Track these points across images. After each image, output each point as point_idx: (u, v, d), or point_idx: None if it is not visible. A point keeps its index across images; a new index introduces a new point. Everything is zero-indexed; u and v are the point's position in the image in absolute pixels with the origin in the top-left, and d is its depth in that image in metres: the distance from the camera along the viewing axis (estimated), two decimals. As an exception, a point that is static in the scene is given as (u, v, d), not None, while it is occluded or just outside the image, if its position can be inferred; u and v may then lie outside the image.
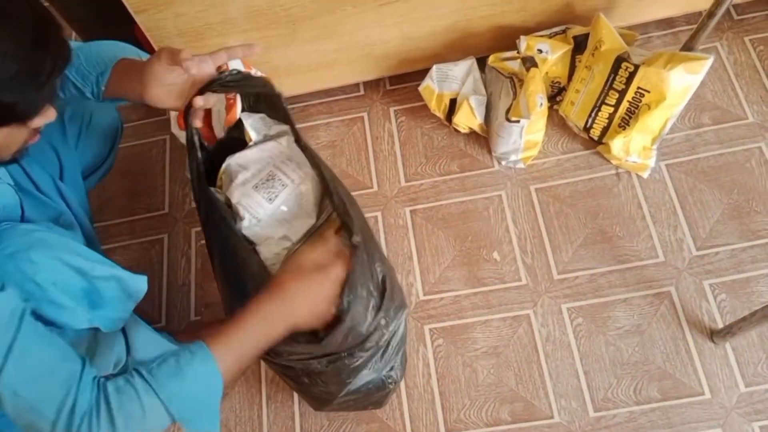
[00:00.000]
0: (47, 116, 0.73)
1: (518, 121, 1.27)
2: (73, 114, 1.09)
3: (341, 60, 1.40)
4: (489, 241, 1.34)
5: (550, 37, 1.35)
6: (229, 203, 0.94)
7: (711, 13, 1.23)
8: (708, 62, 1.17)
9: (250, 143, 1.00)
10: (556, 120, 1.43)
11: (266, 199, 0.94)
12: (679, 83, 1.20)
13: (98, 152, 1.16)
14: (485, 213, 1.37)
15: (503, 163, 1.40)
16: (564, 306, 1.26)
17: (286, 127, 1.01)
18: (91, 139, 1.13)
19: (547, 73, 1.36)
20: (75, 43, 0.86)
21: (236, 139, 1.02)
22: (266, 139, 1.00)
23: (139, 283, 0.88)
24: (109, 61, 0.90)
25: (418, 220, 1.39)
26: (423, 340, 1.27)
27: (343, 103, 1.55)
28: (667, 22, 1.48)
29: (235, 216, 0.93)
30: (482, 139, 1.44)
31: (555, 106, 1.42)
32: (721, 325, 1.19)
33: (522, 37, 1.34)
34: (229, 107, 1.29)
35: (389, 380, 1.04)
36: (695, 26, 1.29)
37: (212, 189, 0.93)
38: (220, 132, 1.30)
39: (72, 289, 0.77)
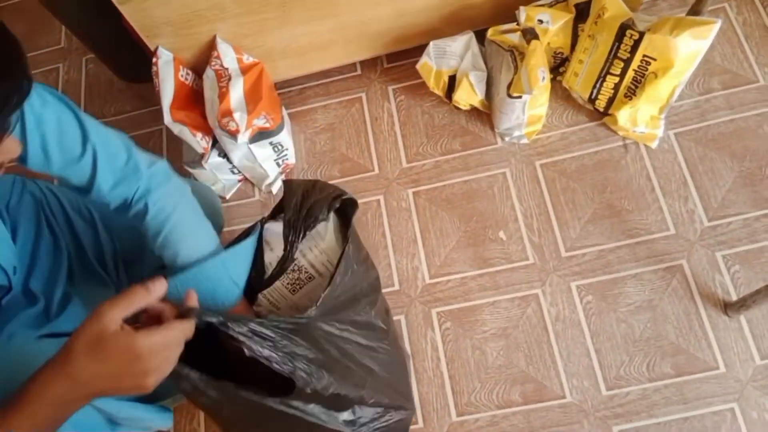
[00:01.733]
0: (6, 151, 0.60)
1: (520, 97, 1.22)
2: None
3: (336, 40, 1.36)
4: (494, 221, 1.31)
5: (550, 6, 1.30)
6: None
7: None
8: (716, 26, 1.12)
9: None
10: (559, 92, 1.38)
11: (289, 290, 0.88)
12: (687, 49, 1.15)
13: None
14: (489, 192, 1.34)
15: (507, 139, 1.36)
16: (573, 284, 1.23)
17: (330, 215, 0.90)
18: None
19: (548, 43, 1.32)
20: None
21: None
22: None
23: (163, 421, 0.87)
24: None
25: (421, 202, 1.36)
26: (431, 324, 1.25)
27: (340, 84, 1.51)
28: (673, -16, 1.42)
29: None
30: (484, 115, 1.40)
31: (558, 78, 1.37)
32: (735, 298, 1.16)
33: (521, 7, 1.28)
34: (222, 96, 1.26)
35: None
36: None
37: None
38: (213, 122, 1.28)
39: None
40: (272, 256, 0.89)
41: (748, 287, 1.17)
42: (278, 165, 1.40)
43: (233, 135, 1.23)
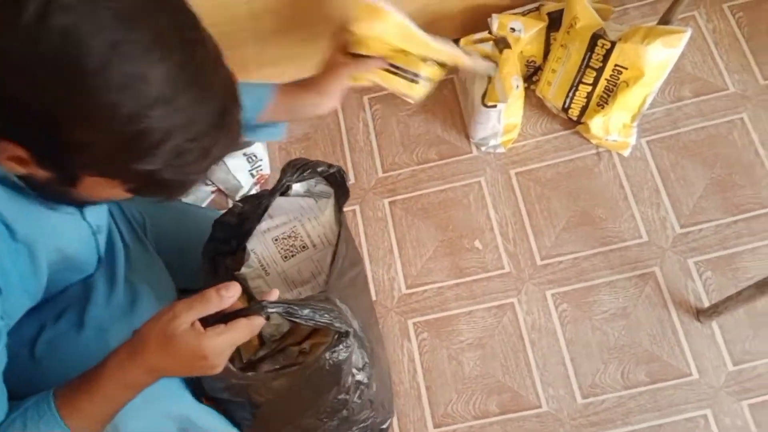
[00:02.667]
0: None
1: (495, 106, 1.23)
2: None
3: (307, 53, 1.35)
4: (470, 230, 1.31)
5: (523, 14, 1.31)
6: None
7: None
8: (686, 35, 1.13)
9: (289, 192, 0.95)
10: (533, 100, 1.39)
11: (282, 255, 0.91)
12: (658, 58, 1.16)
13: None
14: (465, 201, 1.34)
15: (483, 149, 1.37)
16: (548, 292, 1.24)
17: (330, 191, 0.96)
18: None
19: (521, 52, 1.32)
20: None
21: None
22: (305, 194, 0.96)
23: None
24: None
25: (397, 212, 1.36)
26: (407, 334, 1.25)
27: (315, 94, 1.50)
28: (644, -8, 1.44)
29: (242, 258, 0.89)
30: (460, 124, 1.40)
31: (532, 87, 1.38)
32: (707, 304, 1.17)
33: (494, 15, 1.29)
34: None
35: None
36: (672, -5, 1.25)
37: None
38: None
39: None
40: (271, 224, 0.92)
41: (719, 293, 1.18)
42: (252, 176, 1.39)
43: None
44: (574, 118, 1.32)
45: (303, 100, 0.89)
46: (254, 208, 0.93)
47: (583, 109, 1.29)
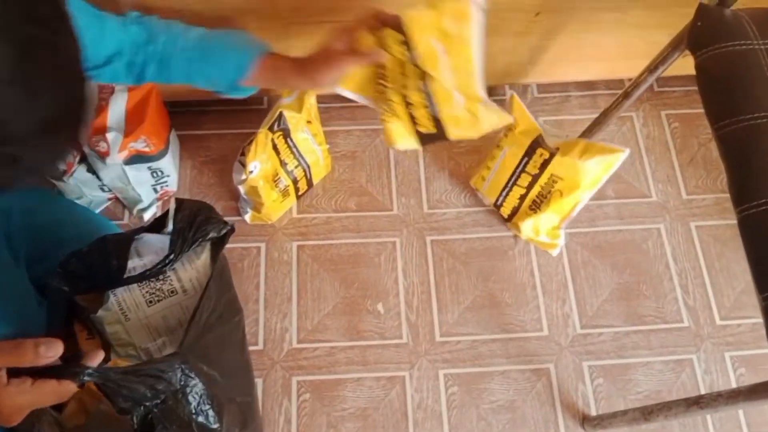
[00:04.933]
0: None
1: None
2: None
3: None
4: (376, 291, 1.26)
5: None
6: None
7: (636, 84, 1.18)
8: (623, 155, 1.12)
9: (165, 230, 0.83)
10: (462, 170, 1.35)
11: (146, 300, 0.81)
12: (593, 173, 1.14)
13: None
14: (376, 259, 1.28)
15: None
16: (441, 372, 1.19)
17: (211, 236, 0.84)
18: None
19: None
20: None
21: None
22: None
23: None
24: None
25: (304, 258, 1.28)
26: (288, 392, 1.17)
27: (240, 115, 1.41)
28: (588, 84, 1.44)
29: (101, 299, 0.79)
30: (385, 178, 1.35)
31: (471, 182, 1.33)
32: (594, 412, 1.16)
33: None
34: (99, 110, 1.13)
35: None
36: (616, 92, 1.24)
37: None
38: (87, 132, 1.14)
39: None
40: (138, 263, 0.81)
41: (608, 402, 1.17)
42: (155, 191, 1.28)
43: (102, 156, 1.10)
44: (505, 216, 1.30)
45: (287, 80, 0.82)
46: (120, 243, 0.83)
47: (515, 210, 1.26)
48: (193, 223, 0.81)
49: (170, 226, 0.83)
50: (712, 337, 1.23)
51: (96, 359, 0.60)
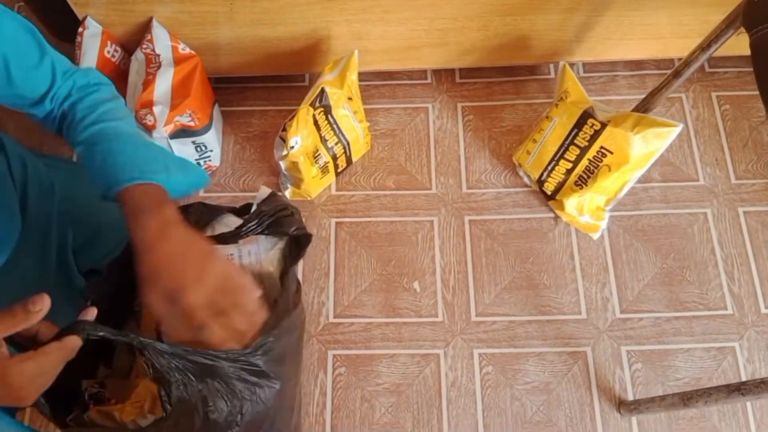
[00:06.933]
0: None
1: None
2: None
3: (285, 49, 1.27)
4: (412, 269, 1.26)
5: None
6: None
7: (687, 63, 1.14)
8: (676, 130, 1.09)
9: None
10: (503, 149, 1.34)
11: None
12: (644, 148, 1.11)
13: None
14: (414, 238, 1.28)
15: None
16: (476, 351, 1.19)
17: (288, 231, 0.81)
18: None
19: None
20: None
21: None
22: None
23: None
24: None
25: (342, 235, 1.29)
26: (324, 365, 1.19)
27: (284, 92, 1.42)
28: (636, 64, 1.40)
29: None
30: (425, 157, 1.34)
31: (513, 157, 1.32)
32: (631, 397, 1.15)
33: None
34: (147, 83, 1.16)
35: None
36: (666, 72, 1.21)
37: None
38: (132, 105, 1.17)
39: None
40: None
41: (645, 388, 1.15)
42: (199, 165, 1.31)
43: (149, 129, 1.13)
44: (548, 193, 1.27)
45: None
46: (210, 211, 0.83)
47: (560, 186, 1.24)
48: (275, 215, 0.80)
49: (253, 208, 0.82)
50: (756, 325, 1.20)
51: (91, 314, 0.59)
